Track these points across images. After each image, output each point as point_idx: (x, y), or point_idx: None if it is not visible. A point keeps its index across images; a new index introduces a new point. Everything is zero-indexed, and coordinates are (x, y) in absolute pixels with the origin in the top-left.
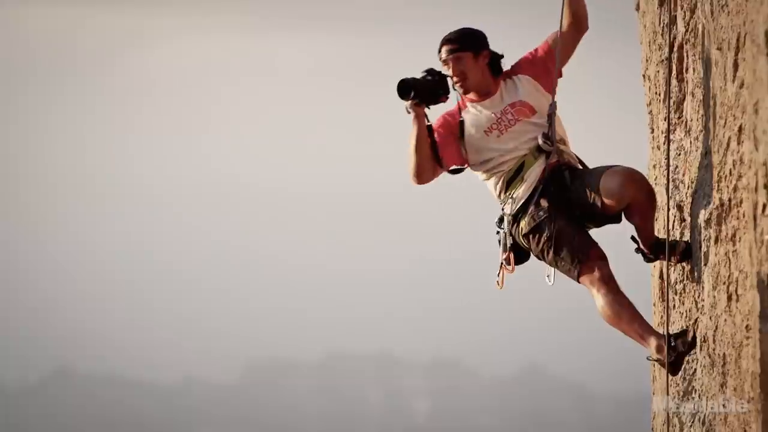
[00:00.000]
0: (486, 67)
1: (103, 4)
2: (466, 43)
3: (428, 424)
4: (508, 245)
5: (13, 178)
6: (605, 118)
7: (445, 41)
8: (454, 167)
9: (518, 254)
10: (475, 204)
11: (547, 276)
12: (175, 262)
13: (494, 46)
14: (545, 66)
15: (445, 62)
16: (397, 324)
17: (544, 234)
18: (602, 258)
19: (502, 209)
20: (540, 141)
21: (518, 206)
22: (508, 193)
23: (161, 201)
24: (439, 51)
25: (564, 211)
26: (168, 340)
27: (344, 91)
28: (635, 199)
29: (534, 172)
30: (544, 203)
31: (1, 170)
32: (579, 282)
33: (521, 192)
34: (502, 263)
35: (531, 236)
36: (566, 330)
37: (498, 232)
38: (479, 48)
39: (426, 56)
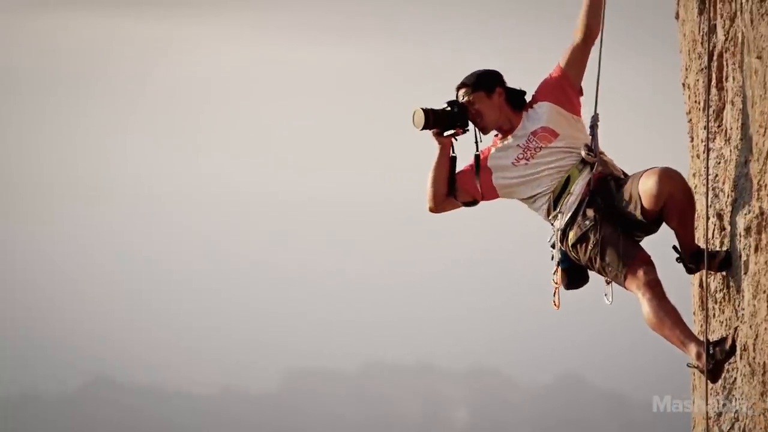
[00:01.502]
0: (504, 104)
1: (126, 14)
2: (478, 84)
3: (466, 431)
4: (558, 260)
5: (34, 183)
6: (645, 126)
7: (459, 86)
8: (467, 200)
9: (575, 276)
10: (515, 205)
11: (605, 295)
12: (210, 274)
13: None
14: (562, 89)
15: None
16: (435, 332)
17: (590, 241)
18: (648, 263)
19: (552, 225)
20: (583, 153)
21: (566, 219)
22: (557, 210)
23: (188, 211)
24: (456, 96)
25: (611, 220)
26: (205, 349)
27: (354, 99)
28: (672, 196)
29: (579, 185)
30: (590, 213)
31: (20, 175)
32: (626, 287)
33: (568, 205)
34: (556, 283)
35: (579, 245)
36: (604, 337)
37: (552, 257)
38: (491, 87)
39: (437, 65)
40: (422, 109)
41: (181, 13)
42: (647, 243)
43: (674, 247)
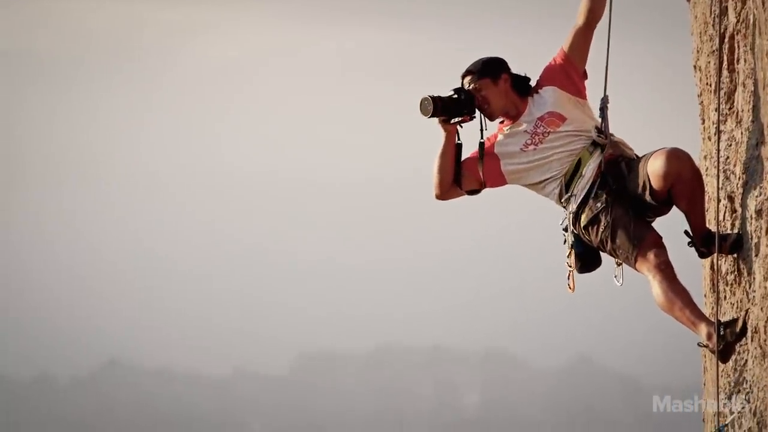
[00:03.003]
0: (510, 90)
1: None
2: (484, 71)
3: (478, 415)
4: (571, 243)
5: (53, 171)
6: (656, 109)
7: (465, 73)
8: (471, 189)
9: (587, 259)
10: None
11: (615, 277)
12: (223, 258)
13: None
14: (566, 73)
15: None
16: (446, 315)
17: (602, 224)
18: (659, 245)
19: (565, 209)
20: (594, 135)
21: (578, 202)
22: (569, 193)
23: (200, 197)
24: (461, 83)
25: (623, 202)
26: (218, 332)
27: (364, 85)
28: (680, 176)
29: (591, 167)
30: (601, 194)
31: (36, 160)
32: (636, 269)
33: (580, 188)
34: (570, 266)
35: (590, 227)
36: (617, 321)
37: (564, 241)
38: (497, 73)
39: (446, 53)
40: (430, 96)
41: (233, 4)
42: (658, 225)
43: (686, 232)
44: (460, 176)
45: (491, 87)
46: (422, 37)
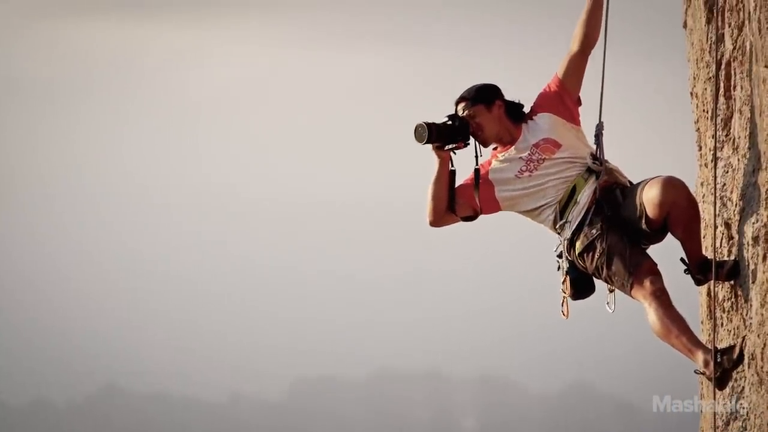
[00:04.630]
0: (503, 116)
1: (137, 20)
2: (477, 97)
3: None
4: (566, 270)
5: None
6: (652, 135)
7: (459, 99)
8: (466, 215)
9: (581, 286)
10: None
11: (607, 303)
12: (219, 280)
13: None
14: (561, 99)
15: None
16: (444, 340)
17: (597, 251)
18: (655, 272)
19: (560, 235)
20: (589, 162)
21: (573, 229)
22: (563, 219)
23: (196, 216)
24: (455, 110)
25: (618, 229)
26: (215, 357)
27: (364, 104)
28: (676, 204)
29: (585, 194)
30: (596, 221)
31: (25, 178)
32: (632, 297)
33: (575, 215)
34: (564, 293)
35: (585, 255)
36: (614, 345)
37: (558, 268)
38: (491, 100)
39: (445, 71)
40: (425, 123)
41: (189, 18)
42: (654, 252)
43: (682, 259)
44: (454, 203)
45: (485, 113)
46: (424, 60)
